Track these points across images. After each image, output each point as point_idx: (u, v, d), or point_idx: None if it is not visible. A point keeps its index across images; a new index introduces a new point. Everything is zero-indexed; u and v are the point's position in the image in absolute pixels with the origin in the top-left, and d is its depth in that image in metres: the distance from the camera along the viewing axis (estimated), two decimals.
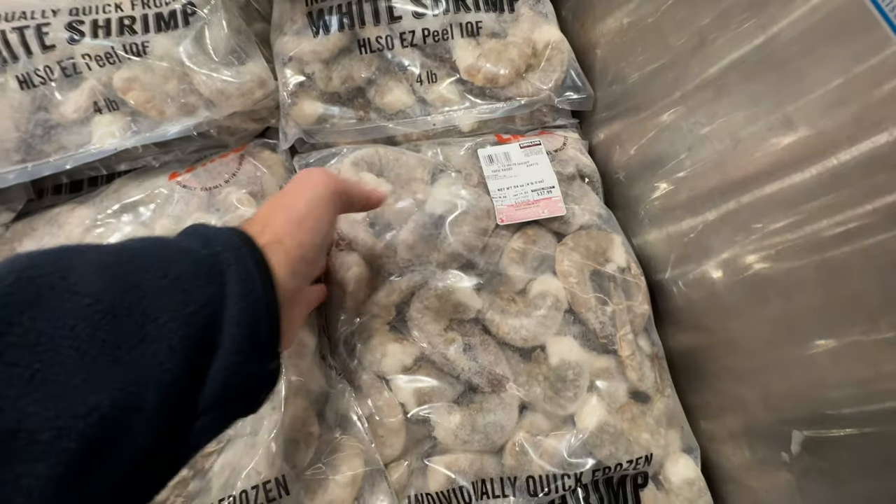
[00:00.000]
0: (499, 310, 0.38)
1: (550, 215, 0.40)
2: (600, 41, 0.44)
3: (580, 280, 0.39)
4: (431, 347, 0.36)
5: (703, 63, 0.31)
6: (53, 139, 0.41)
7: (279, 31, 0.45)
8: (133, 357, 0.17)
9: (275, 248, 0.24)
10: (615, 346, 0.37)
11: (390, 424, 0.36)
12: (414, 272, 0.38)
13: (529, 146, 0.43)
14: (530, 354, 0.38)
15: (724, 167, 0.31)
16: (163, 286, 0.19)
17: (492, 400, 0.36)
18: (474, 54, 0.44)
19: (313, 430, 0.34)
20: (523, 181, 0.41)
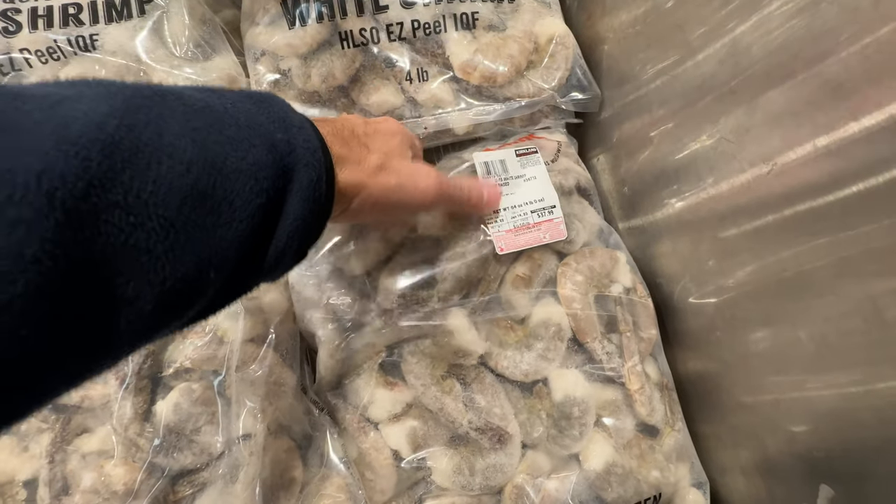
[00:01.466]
0: (497, 341, 0.35)
1: (552, 240, 0.36)
2: (609, 35, 0.40)
3: (584, 305, 0.36)
4: (427, 397, 0.33)
5: (734, 67, 0.27)
6: None
7: (250, 20, 0.40)
8: (206, 236, 0.17)
9: (352, 187, 0.25)
10: (623, 379, 0.34)
11: (379, 468, 0.33)
12: (407, 312, 0.34)
13: (525, 153, 0.39)
14: (532, 388, 0.35)
15: (754, 187, 0.28)
16: (241, 168, 0.18)
17: (489, 448, 0.33)
18: (470, 49, 0.39)
19: (296, 475, 0.31)
20: (522, 200, 0.37)
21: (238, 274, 0.19)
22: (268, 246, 0.20)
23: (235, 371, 0.32)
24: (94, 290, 0.14)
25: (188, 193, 0.16)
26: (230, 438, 0.32)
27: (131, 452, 0.32)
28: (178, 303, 0.17)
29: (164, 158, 0.16)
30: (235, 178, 0.18)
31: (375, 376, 0.34)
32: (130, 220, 0.15)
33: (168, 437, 0.32)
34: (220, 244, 0.18)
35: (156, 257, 0.16)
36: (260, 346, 0.33)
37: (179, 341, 0.33)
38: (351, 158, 0.25)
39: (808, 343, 0.26)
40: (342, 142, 0.25)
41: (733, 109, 0.27)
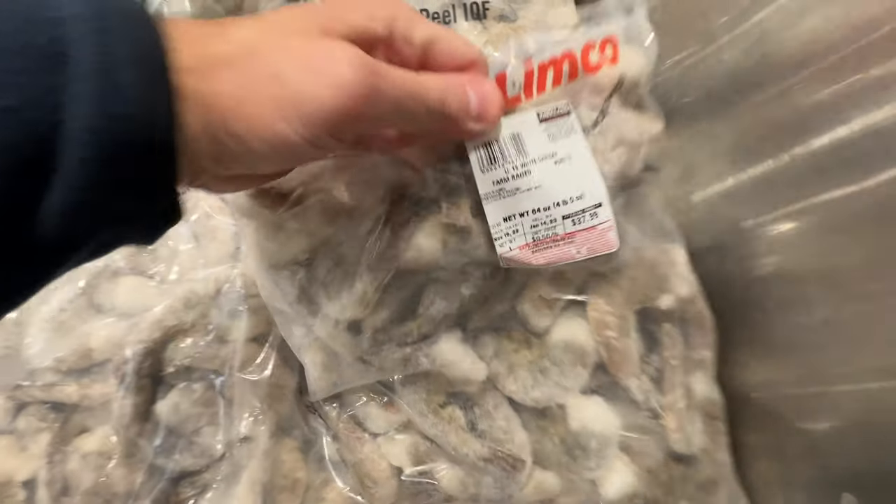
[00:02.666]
0: (505, 361, 0.29)
1: (591, 255, 0.25)
2: None
3: (621, 330, 0.28)
4: (426, 429, 0.29)
5: (761, 57, 0.26)
6: None
7: (254, 9, 0.39)
8: None
9: (217, 114, 0.15)
10: (661, 419, 0.29)
11: (377, 477, 0.31)
12: (389, 350, 0.28)
13: (553, 117, 0.25)
14: (545, 411, 0.30)
15: (777, 180, 0.26)
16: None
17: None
18: (480, 40, 0.38)
19: (300, 476, 0.31)
20: (547, 200, 0.24)
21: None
22: (43, 187, 0.13)
23: (237, 372, 0.32)
24: None
25: None
26: (231, 440, 0.31)
27: (132, 452, 0.31)
28: None
29: None
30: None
31: (369, 395, 0.31)
32: None
33: (168, 437, 0.31)
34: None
35: None
36: (262, 345, 0.32)
37: (181, 339, 0.32)
38: (202, 73, 0.15)
39: (835, 346, 0.24)
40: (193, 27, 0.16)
41: (757, 99, 0.26)
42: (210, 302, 0.32)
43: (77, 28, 0.13)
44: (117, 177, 0.14)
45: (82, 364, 0.32)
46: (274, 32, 0.17)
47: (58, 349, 0.32)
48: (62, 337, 0.32)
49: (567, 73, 0.25)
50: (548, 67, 0.25)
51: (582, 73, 0.25)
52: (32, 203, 0.13)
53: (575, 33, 0.26)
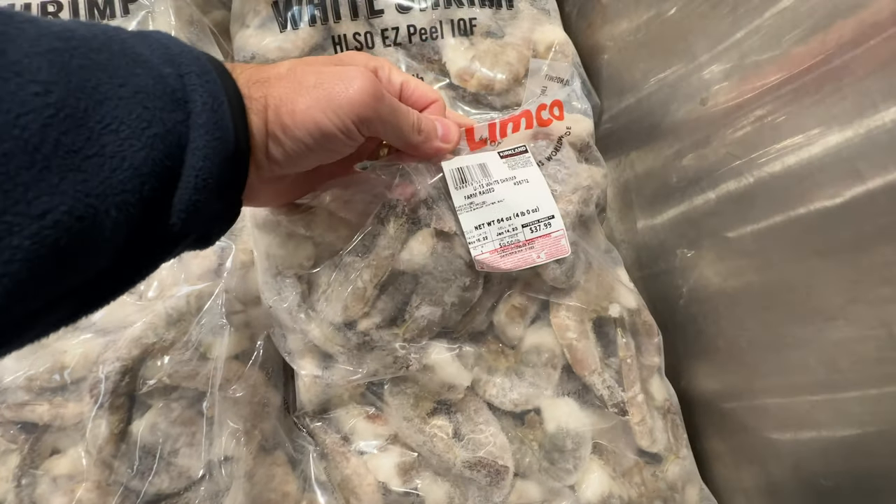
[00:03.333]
0: (485, 366, 0.32)
1: (550, 259, 0.30)
2: (609, 44, 0.39)
3: (581, 333, 0.32)
4: (412, 439, 0.30)
5: (740, 78, 0.26)
6: None
7: (240, 22, 0.38)
8: (91, 167, 0.15)
9: (261, 109, 0.21)
10: (625, 414, 0.32)
11: (363, 494, 0.30)
12: (380, 350, 0.30)
13: (512, 154, 0.32)
14: (523, 417, 0.32)
15: (759, 200, 0.27)
16: (122, 95, 0.16)
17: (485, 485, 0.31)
18: (467, 56, 0.38)
19: (290, 490, 0.30)
20: (509, 211, 0.30)
21: (144, 223, 0.17)
22: (174, 190, 0.18)
23: (219, 390, 0.31)
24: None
25: (53, 115, 0.14)
26: (211, 461, 0.30)
27: (105, 476, 0.30)
28: (65, 256, 0.15)
29: (11, 76, 0.14)
30: (115, 104, 0.16)
31: (357, 406, 0.32)
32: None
33: (144, 459, 0.30)
34: (113, 180, 0.15)
35: (23, 184, 0.14)
36: (245, 363, 0.32)
37: (158, 356, 0.31)
38: (259, 84, 0.22)
39: (816, 367, 0.25)
40: (252, 73, 0.22)
41: (739, 122, 0.26)
42: (191, 318, 0.31)
43: (192, 81, 0.19)
44: (219, 181, 0.19)
45: (55, 382, 0.31)
46: (309, 63, 0.24)
47: (30, 366, 0.31)
48: (34, 353, 0.31)
49: (524, 125, 0.33)
50: (508, 122, 0.33)
51: (536, 126, 0.33)
52: (167, 199, 0.18)
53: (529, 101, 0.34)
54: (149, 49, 0.18)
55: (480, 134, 0.32)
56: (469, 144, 0.32)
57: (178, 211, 0.18)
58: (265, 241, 0.30)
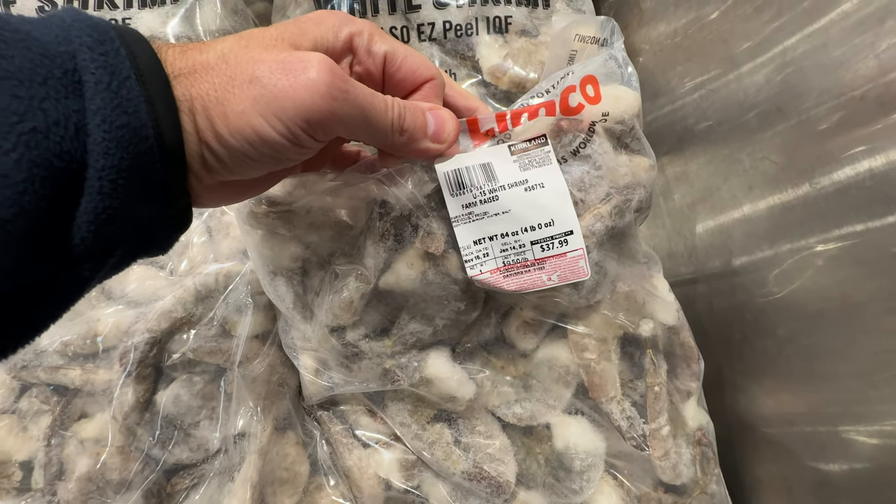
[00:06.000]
0: (491, 377, 0.30)
1: (562, 283, 0.25)
2: (645, 47, 0.39)
3: (601, 354, 0.28)
4: (413, 446, 0.30)
5: (782, 83, 0.26)
6: None
7: (282, 13, 0.40)
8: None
9: (201, 116, 0.17)
10: (645, 448, 0.29)
11: (364, 487, 0.31)
12: (369, 361, 0.28)
13: (526, 150, 0.25)
14: (532, 429, 0.30)
15: (797, 208, 0.26)
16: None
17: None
18: (501, 54, 0.39)
19: (302, 471, 0.30)
20: (516, 225, 0.25)
21: (38, 243, 0.14)
22: (78, 197, 0.14)
23: (239, 367, 0.32)
24: None
25: None
26: (227, 436, 0.31)
27: (128, 442, 0.31)
28: None
29: None
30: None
31: (362, 404, 0.32)
32: None
33: (166, 429, 0.31)
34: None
35: None
36: (265, 342, 0.32)
37: (185, 330, 0.32)
38: (183, 78, 0.17)
39: (848, 379, 0.24)
40: None
41: (778, 127, 0.26)
42: (218, 296, 0.32)
43: (85, 56, 0.15)
44: (137, 181, 0.15)
45: (88, 349, 0.32)
46: (248, 45, 0.18)
47: (65, 332, 0.32)
48: (70, 320, 0.33)
49: (543, 114, 0.26)
50: (523, 111, 0.26)
51: (559, 115, 0.26)
52: (68, 210, 0.14)
53: (551, 75, 0.27)
54: (40, 27, 0.15)
55: (486, 125, 0.26)
56: (472, 137, 0.26)
57: (84, 223, 0.15)
58: (252, 239, 0.28)
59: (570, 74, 0.26)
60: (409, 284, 0.26)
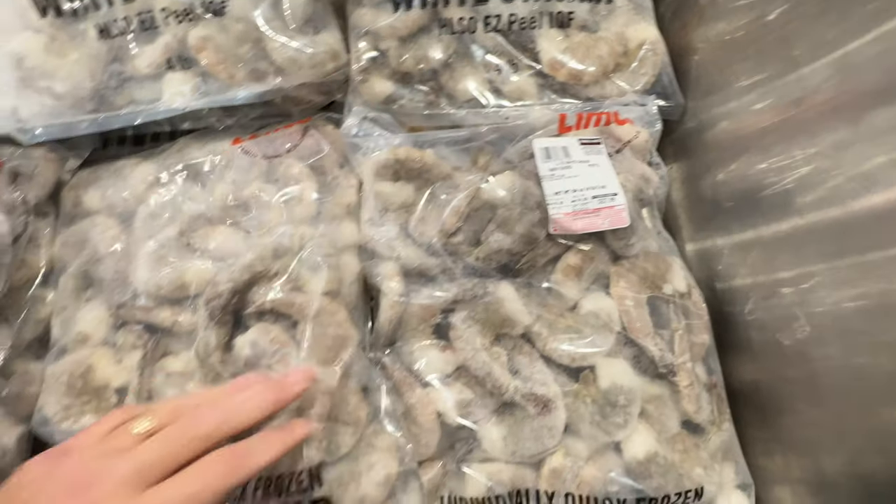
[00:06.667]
0: (546, 323, 0.36)
1: (612, 227, 0.36)
2: (702, 45, 0.40)
3: (637, 303, 0.37)
4: (476, 362, 0.35)
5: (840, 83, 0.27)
6: (125, 92, 0.41)
7: (357, 2, 0.43)
8: None
9: None
10: (674, 376, 0.35)
11: (424, 422, 0.35)
12: (462, 278, 0.36)
13: (589, 143, 0.39)
14: (578, 374, 0.36)
15: (849, 209, 0.27)
16: None
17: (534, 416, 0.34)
18: (560, 47, 0.41)
19: (362, 415, 0.34)
20: (583, 185, 0.37)
21: None
22: None
23: (309, 319, 0.35)
24: None
25: None
26: None
27: (210, 378, 0.35)
28: None
29: None
30: None
31: (429, 338, 0.37)
32: None
33: (244, 369, 0.35)
34: None
35: None
36: (333, 299, 0.36)
37: (264, 284, 0.36)
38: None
39: (889, 367, 0.25)
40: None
41: (835, 126, 0.27)
42: (294, 255, 0.36)
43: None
44: None
45: (177, 295, 0.37)
46: None
47: (158, 279, 0.36)
48: (162, 269, 0.37)
49: (604, 121, 0.40)
50: (591, 116, 0.40)
51: (614, 125, 0.40)
52: None
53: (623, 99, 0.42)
54: None
55: (568, 122, 0.39)
56: (559, 128, 0.40)
57: None
58: (377, 184, 0.38)
59: (622, 107, 0.41)
60: (503, 192, 0.36)
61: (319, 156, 0.41)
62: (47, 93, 0.40)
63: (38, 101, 0.40)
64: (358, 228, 0.39)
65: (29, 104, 0.40)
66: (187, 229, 0.39)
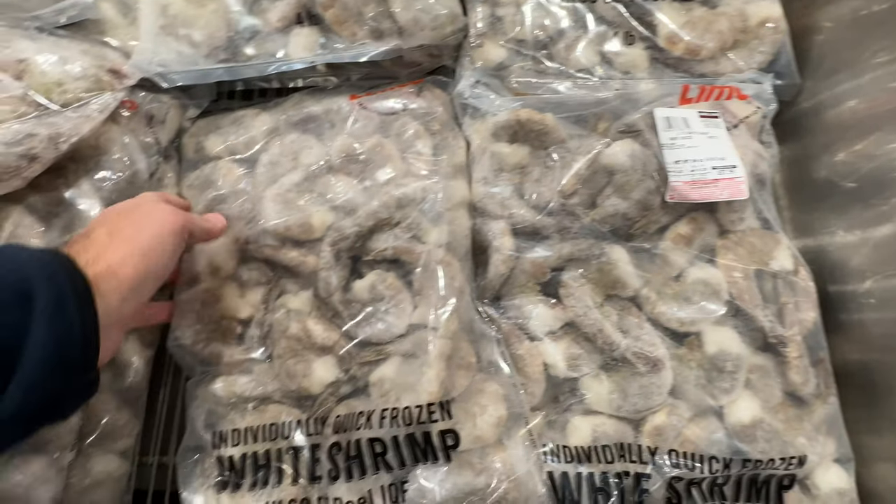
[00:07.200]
0: (654, 288, 0.38)
1: (731, 198, 0.37)
2: (827, 24, 0.40)
3: (745, 275, 0.37)
4: (587, 319, 0.36)
5: None
6: (256, 44, 0.43)
7: None
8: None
9: (107, 278, 0.26)
10: (784, 347, 0.35)
11: (532, 373, 0.37)
12: (576, 238, 0.38)
13: (708, 116, 0.39)
14: (682, 339, 0.37)
15: None
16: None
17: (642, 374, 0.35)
18: (680, 21, 0.41)
19: (473, 360, 0.35)
20: (702, 155, 0.37)
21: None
22: (10, 374, 0.21)
23: (425, 268, 0.37)
24: None
25: None
26: (412, 324, 0.36)
27: (328, 316, 0.37)
28: None
29: None
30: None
31: (536, 294, 0.38)
32: None
33: (361, 310, 0.37)
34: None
35: None
36: (448, 251, 0.37)
37: (385, 230, 0.37)
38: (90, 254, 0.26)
39: None
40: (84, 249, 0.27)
41: None
42: (415, 206, 0.38)
43: (37, 281, 0.23)
44: (64, 366, 0.23)
45: (302, 237, 0.39)
46: (119, 220, 0.30)
47: (286, 220, 0.39)
48: (289, 211, 0.39)
49: (725, 96, 0.41)
50: (714, 90, 0.41)
51: (735, 100, 0.41)
52: (3, 382, 0.22)
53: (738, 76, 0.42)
54: None
55: (690, 94, 0.40)
56: (680, 100, 0.40)
57: (14, 390, 0.22)
58: (493, 145, 0.40)
59: (743, 83, 0.41)
60: (623, 158, 0.37)
61: (433, 116, 0.43)
62: (186, 40, 0.42)
63: (176, 47, 0.42)
64: (468, 187, 0.41)
65: (169, 50, 0.42)
66: (310, 176, 0.41)
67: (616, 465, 0.34)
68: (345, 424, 0.34)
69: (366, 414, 0.34)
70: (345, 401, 0.36)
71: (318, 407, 0.36)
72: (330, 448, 0.34)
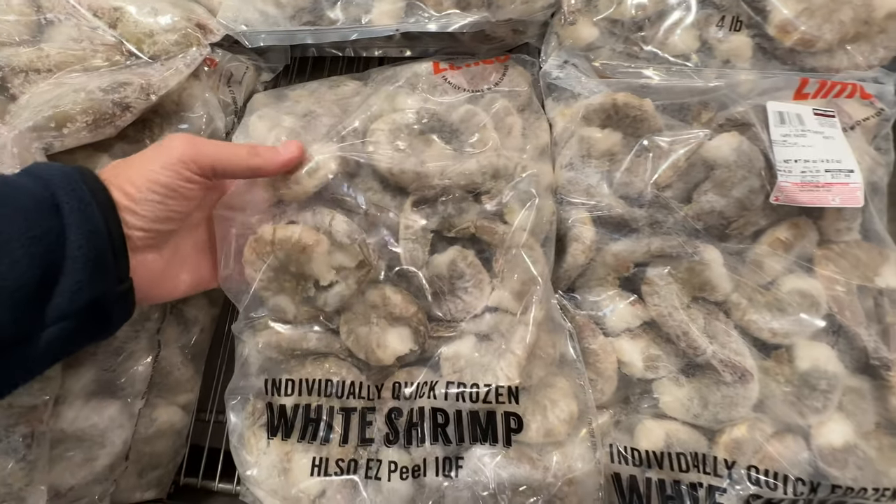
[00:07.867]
0: (745, 294, 0.35)
1: (843, 205, 0.34)
2: None
3: (847, 289, 0.35)
4: (672, 320, 0.34)
5: None
6: (341, 8, 0.42)
7: None
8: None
9: (117, 191, 0.28)
10: (888, 370, 0.33)
11: (605, 370, 0.35)
12: (668, 234, 0.36)
13: (823, 115, 0.36)
14: (770, 351, 0.35)
15: None
16: (4, 215, 0.23)
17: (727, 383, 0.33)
18: (797, 8, 0.38)
19: (552, 352, 0.34)
20: (816, 156, 0.34)
21: (29, 308, 0.23)
22: (58, 276, 0.24)
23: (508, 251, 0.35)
24: None
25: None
26: (488, 306, 0.35)
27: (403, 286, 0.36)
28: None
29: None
30: None
31: (615, 289, 0.37)
32: None
33: (439, 285, 0.36)
34: None
35: None
36: (531, 235, 0.36)
37: (471, 201, 0.36)
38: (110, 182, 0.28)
39: None
40: None
41: None
42: (510, 180, 0.36)
43: (62, 190, 0.25)
44: (98, 264, 0.25)
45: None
46: None
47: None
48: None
49: (847, 93, 0.38)
50: (835, 86, 0.38)
51: (858, 99, 0.38)
52: (51, 286, 0.24)
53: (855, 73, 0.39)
54: (26, 179, 0.26)
55: (806, 89, 0.37)
56: (795, 94, 0.37)
57: (64, 292, 0.24)
58: (584, 129, 0.38)
59: (864, 82, 0.38)
60: (727, 152, 0.35)
61: (519, 95, 0.41)
62: (272, 1, 0.42)
63: (262, 7, 0.42)
64: (552, 171, 0.39)
65: (254, 10, 0.42)
66: (398, 132, 0.38)
67: (690, 474, 0.33)
68: (405, 391, 0.33)
69: (429, 384, 0.33)
70: (406, 368, 0.35)
71: (379, 371, 0.35)
72: (389, 412, 0.33)
